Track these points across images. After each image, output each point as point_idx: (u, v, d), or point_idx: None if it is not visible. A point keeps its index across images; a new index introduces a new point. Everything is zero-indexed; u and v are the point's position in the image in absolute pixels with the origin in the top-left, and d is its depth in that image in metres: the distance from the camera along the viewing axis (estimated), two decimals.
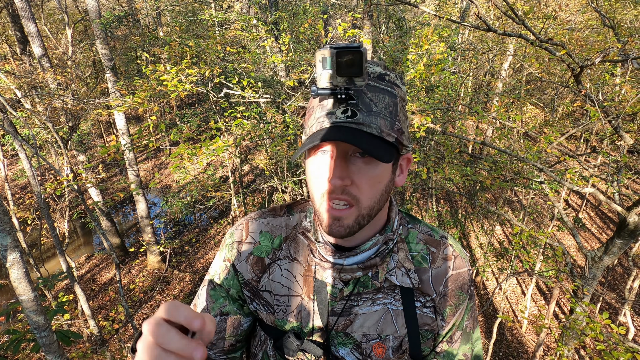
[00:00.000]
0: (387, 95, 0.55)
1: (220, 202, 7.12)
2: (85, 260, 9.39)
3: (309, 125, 0.58)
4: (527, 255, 4.74)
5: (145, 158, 14.87)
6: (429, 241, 0.70)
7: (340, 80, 0.51)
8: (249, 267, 0.71)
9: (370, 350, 0.67)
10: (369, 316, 0.67)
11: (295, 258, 0.70)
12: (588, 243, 9.58)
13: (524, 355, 6.84)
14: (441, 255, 0.69)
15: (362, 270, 0.64)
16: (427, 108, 3.83)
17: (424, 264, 0.68)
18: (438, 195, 11.28)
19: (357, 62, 0.50)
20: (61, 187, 4.25)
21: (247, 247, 0.72)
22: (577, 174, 3.78)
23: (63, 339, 2.70)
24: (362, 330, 0.67)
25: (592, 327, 2.84)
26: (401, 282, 0.66)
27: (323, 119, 0.55)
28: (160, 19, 13.68)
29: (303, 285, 0.68)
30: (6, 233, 2.12)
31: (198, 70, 3.76)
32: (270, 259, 0.71)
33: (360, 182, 0.55)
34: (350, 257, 0.64)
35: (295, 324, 0.69)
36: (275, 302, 0.70)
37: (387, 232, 0.66)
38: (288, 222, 0.73)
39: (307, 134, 0.59)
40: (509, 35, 2.97)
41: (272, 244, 0.71)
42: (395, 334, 0.67)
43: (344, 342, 0.68)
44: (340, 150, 0.54)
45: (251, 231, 0.73)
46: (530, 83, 10.37)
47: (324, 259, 0.65)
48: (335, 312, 0.67)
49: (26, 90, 6.93)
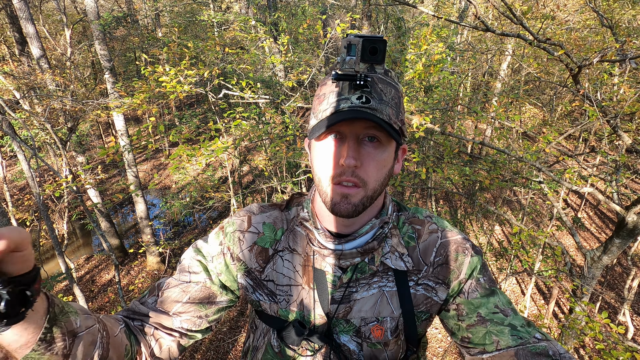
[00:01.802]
0: (392, 88, 0.60)
1: (219, 203, 7.12)
2: (84, 261, 9.37)
3: (321, 110, 0.59)
4: (527, 255, 4.74)
5: (144, 159, 14.86)
6: (414, 221, 0.73)
7: (362, 67, 0.56)
8: (253, 256, 0.72)
9: (369, 332, 0.68)
10: (366, 300, 0.68)
11: (294, 249, 0.71)
12: (587, 242, 9.60)
13: None
14: (427, 230, 0.71)
15: (360, 256, 0.66)
16: (426, 108, 3.83)
17: (411, 242, 0.70)
18: (437, 195, 11.28)
19: (381, 50, 0.55)
20: (60, 188, 4.24)
21: (251, 236, 0.73)
22: (576, 173, 3.78)
23: None
24: (360, 314, 0.68)
25: (591, 326, 2.84)
26: (395, 266, 0.68)
27: (338, 103, 0.57)
28: (159, 19, 13.68)
29: (303, 275, 0.70)
30: None
31: (197, 71, 3.76)
32: (273, 250, 0.72)
33: (368, 165, 0.59)
34: (349, 242, 0.66)
35: (298, 313, 0.70)
36: (278, 291, 0.71)
37: (383, 216, 0.68)
38: (287, 216, 0.75)
39: (318, 117, 0.60)
40: (507, 35, 2.98)
41: (275, 235, 0.73)
42: (392, 314, 0.68)
43: (345, 329, 0.69)
44: (353, 133, 0.58)
45: (254, 222, 0.74)
46: (528, 83, 10.39)
47: (323, 246, 0.67)
48: (336, 300, 0.68)
49: (25, 92, 6.92)
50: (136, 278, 8.48)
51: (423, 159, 5.01)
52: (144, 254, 9.00)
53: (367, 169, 0.59)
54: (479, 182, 4.56)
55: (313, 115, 0.63)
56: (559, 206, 3.83)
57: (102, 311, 7.48)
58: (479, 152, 11.87)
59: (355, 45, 0.55)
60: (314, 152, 0.63)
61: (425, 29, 3.88)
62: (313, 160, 0.63)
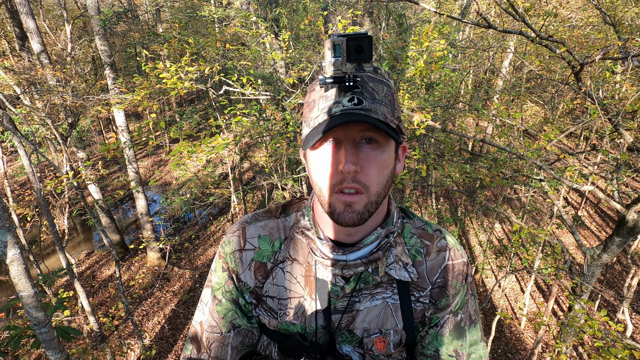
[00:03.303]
0: (384, 85, 0.57)
1: (220, 199, 7.13)
2: (85, 257, 9.40)
3: (313, 117, 0.57)
4: (527, 252, 4.74)
5: (145, 155, 14.86)
6: (423, 235, 0.71)
7: (349, 67, 0.53)
8: (252, 274, 0.70)
9: (372, 344, 0.67)
10: (369, 311, 0.67)
11: (295, 258, 0.69)
12: (587, 241, 9.61)
13: (523, 352, 6.87)
14: (435, 248, 0.70)
15: (364, 265, 0.64)
16: (427, 105, 3.82)
17: (418, 257, 0.69)
18: (438, 192, 11.28)
19: (367, 48, 0.52)
20: (61, 185, 4.25)
21: (248, 254, 0.70)
22: (576, 171, 3.78)
23: (63, 335, 2.71)
24: (363, 325, 0.67)
25: (590, 324, 2.85)
26: (400, 276, 0.67)
27: (330, 108, 0.55)
28: (159, 15, 13.62)
29: (305, 286, 0.68)
30: (6, 230, 2.12)
31: (198, 67, 3.75)
32: (272, 263, 0.70)
33: (368, 168, 0.56)
34: (354, 252, 0.64)
35: (299, 325, 0.68)
36: (279, 306, 0.69)
37: (389, 225, 0.66)
38: (285, 223, 0.72)
39: (310, 125, 0.57)
40: (510, 32, 2.96)
41: (273, 247, 0.70)
42: (396, 327, 0.67)
43: (348, 339, 0.68)
44: (349, 137, 0.55)
45: (249, 237, 0.71)
46: (530, 80, 10.35)
47: (326, 256, 0.65)
48: (338, 310, 0.67)
49: (25, 87, 6.91)
50: (137, 274, 8.52)
51: (424, 156, 5.01)
52: (145, 250, 9.03)
53: (368, 172, 0.56)
54: (480, 179, 4.56)
55: (305, 124, 0.59)
56: (559, 204, 3.83)
57: (103, 306, 7.52)
58: (479, 149, 11.85)
59: (339, 46, 0.52)
60: (310, 161, 0.60)
61: (427, 25, 3.86)
62: (311, 171, 0.60)
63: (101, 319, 6.57)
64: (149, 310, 7.54)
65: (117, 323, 6.93)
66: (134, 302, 7.72)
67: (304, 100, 0.60)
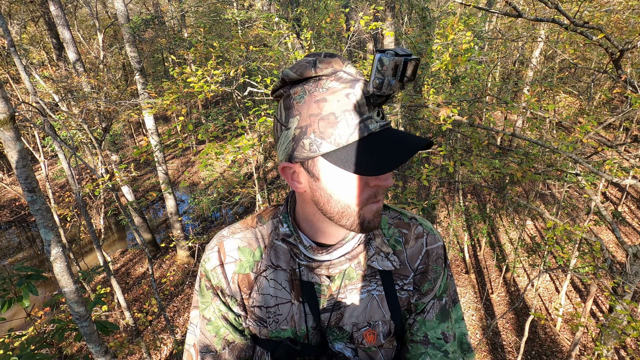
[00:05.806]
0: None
1: (245, 199, 7.26)
2: (119, 254, 9.85)
3: (340, 134, 0.53)
4: (562, 250, 4.53)
5: (173, 157, 15.36)
6: (400, 224, 0.72)
7: (398, 86, 0.51)
8: (237, 286, 0.70)
9: (362, 338, 0.68)
10: (356, 305, 0.68)
11: (278, 265, 0.69)
12: (628, 238, 9.06)
13: (558, 354, 6.58)
14: (413, 235, 0.71)
15: (348, 262, 0.66)
16: (453, 100, 3.72)
17: (398, 246, 0.70)
18: (465, 189, 10.97)
19: (416, 70, 0.53)
20: (99, 187, 4.46)
21: (230, 267, 0.70)
22: (616, 164, 3.56)
23: (102, 329, 2.85)
24: (351, 320, 0.68)
25: (634, 326, 2.69)
26: (383, 267, 0.68)
27: (363, 124, 0.53)
28: (184, 20, 14.02)
29: (291, 290, 0.68)
30: (49, 229, 2.26)
31: (223, 70, 3.83)
32: (255, 273, 0.70)
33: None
34: (337, 250, 0.65)
35: (290, 330, 0.69)
36: (267, 314, 0.69)
37: None
38: (263, 231, 0.72)
39: (339, 143, 0.53)
40: (541, 20, 2.83)
41: (254, 257, 0.70)
42: (384, 318, 0.69)
43: (339, 336, 0.69)
44: None
45: (228, 250, 0.70)
46: (563, 70, 9.86)
47: (310, 259, 0.65)
48: (327, 309, 0.68)
49: (63, 94, 7.31)
50: (168, 271, 8.83)
51: (450, 152, 4.88)
52: (175, 248, 9.35)
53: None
54: (510, 175, 4.39)
55: (325, 139, 0.53)
56: (597, 200, 3.62)
57: (137, 302, 7.86)
58: (509, 144, 11.42)
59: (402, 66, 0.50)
60: (335, 178, 0.56)
61: (452, 17, 3.76)
62: (335, 188, 0.56)
63: (136, 314, 6.87)
64: (179, 306, 7.80)
65: (151, 318, 7.22)
66: (166, 298, 8.01)
67: (312, 113, 0.54)
